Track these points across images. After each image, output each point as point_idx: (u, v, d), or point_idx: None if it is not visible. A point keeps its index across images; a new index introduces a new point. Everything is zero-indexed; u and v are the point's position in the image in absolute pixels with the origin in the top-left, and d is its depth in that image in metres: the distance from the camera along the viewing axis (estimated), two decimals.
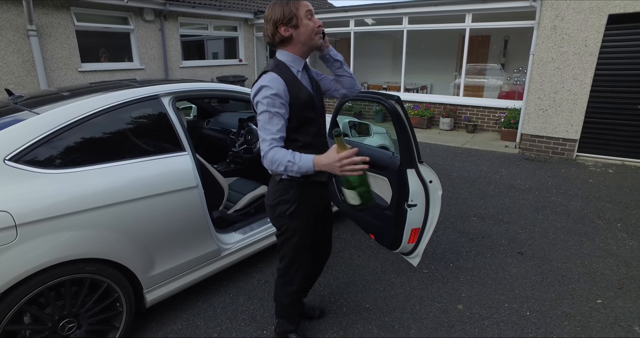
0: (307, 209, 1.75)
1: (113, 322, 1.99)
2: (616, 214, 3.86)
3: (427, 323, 2.31)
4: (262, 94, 1.52)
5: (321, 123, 1.75)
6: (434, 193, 2.18)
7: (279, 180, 1.69)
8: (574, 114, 5.78)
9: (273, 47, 1.65)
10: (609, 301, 2.49)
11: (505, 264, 2.97)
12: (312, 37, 1.61)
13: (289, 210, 1.70)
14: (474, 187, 4.69)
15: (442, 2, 7.74)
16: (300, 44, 1.61)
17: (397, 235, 2.23)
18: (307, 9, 1.58)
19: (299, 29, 1.57)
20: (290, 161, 1.47)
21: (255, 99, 1.55)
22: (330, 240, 2.13)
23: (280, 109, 1.53)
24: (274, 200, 1.72)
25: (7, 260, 1.56)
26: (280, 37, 1.59)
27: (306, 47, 1.63)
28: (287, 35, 1.58)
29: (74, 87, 2.60)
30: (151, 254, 2.06)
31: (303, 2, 1.58)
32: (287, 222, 1.74)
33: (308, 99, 1.63)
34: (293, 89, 1.58)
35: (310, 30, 1.59)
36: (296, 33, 1.58)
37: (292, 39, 1.60)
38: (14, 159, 1.68)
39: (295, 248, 1.81)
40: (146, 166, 2.06)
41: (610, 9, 5.17)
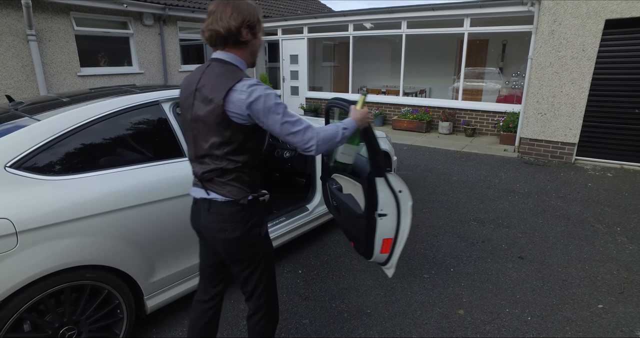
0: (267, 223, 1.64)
1: (113, 328, 1.98)
2: (615, 218, 3.87)
3: (428, 328, 2.31)
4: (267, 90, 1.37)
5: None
6: (404, 204, 2.12)
7: (244, 205, 1.46)
8: (572, 118, 5.81)
9: (212, 45, 1.44)
10: (610, 306, 2.49)
11: (506, 269, 2.97)
12: (257, 53, 1.51)
13: (262, 231, 1.54)
14: (474, 191, 4.69)
15: (441, 6, 7.79)
16: (250, 53, 1.48)
17: (368, 244, 2.19)
18: (263, 25, 1.50)
19: (255, 39, 1.47)
20: (342, 128, 1.51)
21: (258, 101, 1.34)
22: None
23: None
24: (244, 228, 1.47)
25: (7, 268, 1.55)
26: (242, 38, 1.42)
27: (252, 59, 1.51)
28: (246, 39, 1.43)
29: (74, 93, 2.60)
30: (152, 260, 2.05)
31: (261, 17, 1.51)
32: (263, 246, 1.57)
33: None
34: None
35: (260, 46, 1.51)
36: (252, 41, 1.46)
37: (247, 44, 1.45)
38: (14, 165, 1.68)
39: (272, 271, 1.65)
40: (147, 172, 2.06)
41: (607, 14, 5.21)
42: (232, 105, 1.35)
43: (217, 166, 1.43)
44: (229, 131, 1.38)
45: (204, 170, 1.46)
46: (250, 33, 1.43)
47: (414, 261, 3.06)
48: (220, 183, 1.45)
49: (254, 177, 1.50)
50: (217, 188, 1.45)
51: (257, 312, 1.63)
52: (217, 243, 1.52)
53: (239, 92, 1.34)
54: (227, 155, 1.42)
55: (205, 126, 1.41)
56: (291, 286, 2.73)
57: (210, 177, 1.45)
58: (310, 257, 3.13)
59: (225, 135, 1.39)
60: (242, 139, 1.41)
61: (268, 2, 12.83)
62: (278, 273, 2.89)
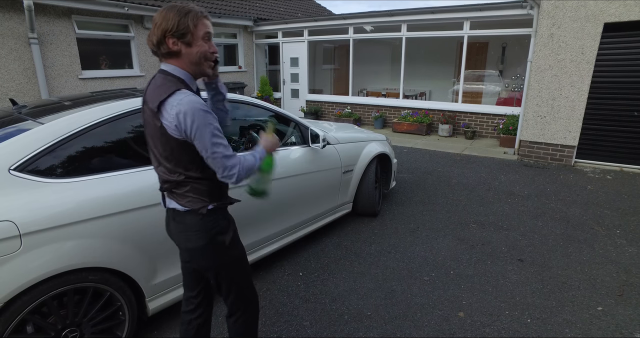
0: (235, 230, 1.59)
1: (115, 330, 1.99)
2: (615, 221, 3.88)
3: (428, 331, 2.32)
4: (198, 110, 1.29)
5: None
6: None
7: (204, 214, 1.44)
8: (572, 121, 5.83)
9: (155, 55, 1.40)
10: (609, 308, 2.50)
11: (506, 271, 2.98)
12: (201, 62, 1.39)
13: (227, 239, 1.51)
14: (474, 193, 4.70)
15: (440, 9, 7.83)
16: (189, 63, 1.39)
17: None
18: (207, 30, 1.38)
19: (191, 48, 1.36)
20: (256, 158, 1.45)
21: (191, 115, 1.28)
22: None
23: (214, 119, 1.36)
24: (207, 237, 1.46)
25: (11, 270, 1.56)
26: (167, 49, 1.34)
27: (197, 69, 1.42)
28: (175, 49, 1.35)
29: (76, 96, 2.62)
30: (154, 262, 2.07)
31: (206, 21, 1.38)
32: (231, 253, 1.55)
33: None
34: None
35: (202, 54, 1.38)
36: (186, 51, 1.36)
37: (180, 54, 1.36)
38: (18, 168, 1.70)
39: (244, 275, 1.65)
40: (148, 175, 2.07)
41: (605, 18, 5.24)
42: (165, 119, 1.31)
43: (170, 178, 1.43)
44: (170, 145, 1.36)
45: (162, 181, 1.49)
46: (180, 42, 1.34)
47: (414, 263, 3.07)
48: (178, 194, 1.45)
49: (212, 187, 1.47)
50: (177, 199, 1.46)
51: (234, 314, 1.67)
52: (184, 252, 1.55)
53: (170, 106, 1.29)
54: (176, 168, 1.40)
55: (153, 138, 1.41)
56: (292, 288, 2.75)
57: (169, 188, 1.47)
58: (310, 260, 3.14)
59: (166, 148, 1.37)
60: (184, 154, 1.37)
61: (269, 5, 12.89)
62: (278, 275, 2.90)
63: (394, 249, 3.31)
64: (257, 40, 11.38)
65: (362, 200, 3.74)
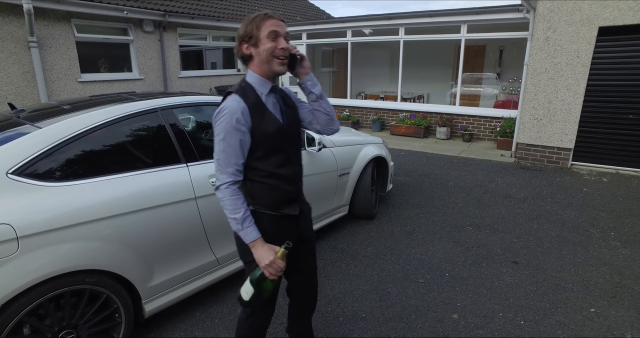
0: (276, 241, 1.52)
1: (112, 332, 2.01)
2: (610, 223, 3.91)
3: (422, 332, 2.34)
4: (222, 119, 1.41)
5: (291, 151, 1.59)
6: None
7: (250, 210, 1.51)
8: (568, 123, 5.86)
9: (244, 64, 1.55)
10: (602, 310, 2.52)
11: (500, 273, 3.00)
12: (269, 60, 1.45)
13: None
14: (470, 196, 4.73)
15: (438, 13, 7.89)
16: (260, 63, 1.47)
17: None
18: (271, 29, 1.43)
19: (258, 48, 1.45)
20: (235, 219, 1.42)
21: (214, 123, 1.43)
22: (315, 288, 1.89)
23: (238, 136, 1.42)
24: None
25: (8, 272, 1.59)
26: (242, 54, 1.49)
27: (267, 69, 1.48)
28: (247, 53, 1.48)
29: (75, 100, 2.65)
30: (150, 265, 2.09)
31: (270, 21, 1.44)
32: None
33: (275, 128, 1.49)
34: (256, 114, 1.47)
35: (268, 52, 1.44)
36: (255, 52, 1.46)
37: (252, 57, 1.48)
38: (16, 172, 1.72)
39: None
40: (145, 178, 2.10)
41: (600, 22, 5.28)
42: None
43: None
44: None
45: None
46: (250, 46, 1.47)
47: (409, 266, 3.10)
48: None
49: (253, 188, 1.53)
50: None
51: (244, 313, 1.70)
52: None
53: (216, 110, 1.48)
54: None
55: None
56: None
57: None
58: None
59: None
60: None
61: (268, 8, 12.94)
62: None
63: (389, 252, 3.33)
64: None
65: (359, 203, 3.76)
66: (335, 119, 1.68)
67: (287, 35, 1.49)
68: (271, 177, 1.52)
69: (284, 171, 1.55)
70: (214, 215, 2.36)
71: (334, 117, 1.68)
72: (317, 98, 1.62)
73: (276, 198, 1.55)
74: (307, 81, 1.59)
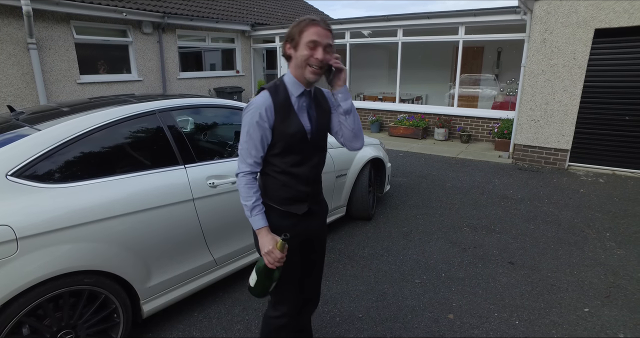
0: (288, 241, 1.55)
1: (110, 332, 2.03)
2: (605, 224, 3.94)
3: (418, 332, 2.36)
4: (248, 112, 1.50)
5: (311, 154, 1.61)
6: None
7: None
8: (565, 125, 5.90)
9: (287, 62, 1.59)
10: (596, 309, 2.55)
11: (496, 274, 3.02)
12: (301, 66, 1.48)
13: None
14: (467, 197, 4.76)
15: (436, 15, 7.92)
16: (295, 66, 1.51)
17: None
18: (311, 38, 1.44)
19: (297, 52, 1.48)
20: (246, 206, 1.52)
21: (243, 115, 1.53)
22: (318, 286, 1.94)
23: (259, 131, 1.49)
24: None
25: (7, 273, 1.61)
26: (284, 52, 1.54)
27: (300, 73, 1.51)
28: (288, 53, 1.52)
29: (73, 102, 2.67)
30: (148, 266, 2.11)
31: (313, 29, 1.45)
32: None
33: (295, 130, 1.52)
34: (280, 113, 1.51)
35: (302, 58, 1.46)
36: (294, 54, 1.50)
37: (291, 58, 1.52)
38: (15, 174, 1.75)
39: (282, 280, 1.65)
40: (143, 180, 2.12)
41: (596, 24, 5.32)
42: None
43: None
44: None
45: None
46: (291, 46, 1.50)
47: (406, 267, 3.12)
48: None
49: (267, 182, 1.61)
50: None
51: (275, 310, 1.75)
52: None
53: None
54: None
55: None
56: None
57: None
58: None
59: None
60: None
61: (266, 10, 12.99)
62: None
63: (386, 252, 3.35)
64: (255, 44, 11.47)
65: (356, 204, 3.79)
66: (359, 137, 1.65)
67: (329, 46, 1.48)
68: (284, 174, 1.57)
69: (299, 171, 1.58)
70: (211, 216, 2.39)
71: (359, 134, 1.65)
72: (344, 112, 1.59)
73: (285, 195, 1.60)
74: (339, 93, 1.57)
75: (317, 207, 1.74)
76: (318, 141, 1.62)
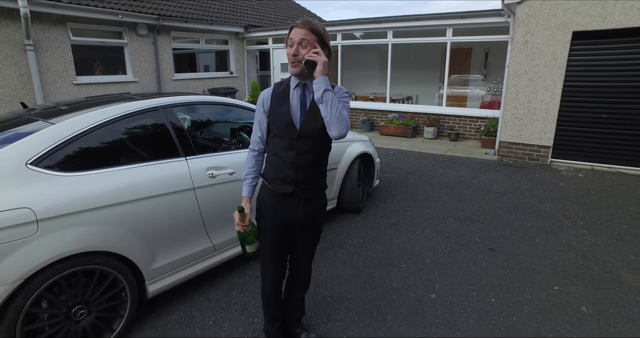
0: (268, 214, 1.88)
1: (119, 310, 2.21)
2: (580, 214, 4.19)
3: (402, 310, 2.56)
4: (257, 101, 1.86)
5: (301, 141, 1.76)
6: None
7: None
8: (547, 122, 6.16)
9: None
10: (564, 288, 2.78)
11: (477, 259, 3.24)
12: (289, 62, 1.71)
13: (257, 205, 1.95)
14: (453, 191, 4.99)
15: (424, 17, 8.17)
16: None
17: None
18: (289, 37, 1.68)
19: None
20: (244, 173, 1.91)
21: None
22: (308, 268, 2.13)
23: (259, 116, 1.86)
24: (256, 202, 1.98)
25: (30, 251, 1.79)
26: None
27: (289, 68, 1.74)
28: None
29: (81, 100, 2.84)
30: (153, 249, 2.29)
31: (292, 30, 1.67)
32: (259, 223, 1.95)
33: (285, 115, 1.75)
34: (276, 101, 1.78)
35: (287, 55, 1.70)
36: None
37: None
38: (34, 163, 1.92)
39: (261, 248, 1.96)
40: (148, 170, 2.31)
41: (574, 27, 5.60)
42: None
43: None
44: None
45: None
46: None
47: (393, 253, 3.33)
48: None
49: (266, 163, 1.90)
50: None
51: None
52: None
53: None
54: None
55: None
56: None
57: None
58: None
59: None
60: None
61: (260, 12, 13.18)
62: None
63: (375, 241, 3.56)
64: (248, 46, 11.65)
65: (346, 196, 3.99)
66: (333, 125, 1.65)
67: (303, 40, 1.64)
68: (275, 156, 1.83)
69: (286, 155, 1.79)
70: (210, 204, 2.58)
71: (333, 122, 1.64)
72: (317, 101, 1.66)
73: (274, 175, 1.85)
74: (313, 84, 1.65)
75: (307, 195, 1.87)
76: (308, 131, 1.76)
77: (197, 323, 2.43)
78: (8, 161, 1.88)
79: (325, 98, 1.64)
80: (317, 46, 1.67)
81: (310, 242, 2.05)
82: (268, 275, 2.01)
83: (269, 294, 2.05)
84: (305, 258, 2.09)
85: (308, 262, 2.12)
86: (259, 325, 2.39)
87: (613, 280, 2.87)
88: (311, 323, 2.42)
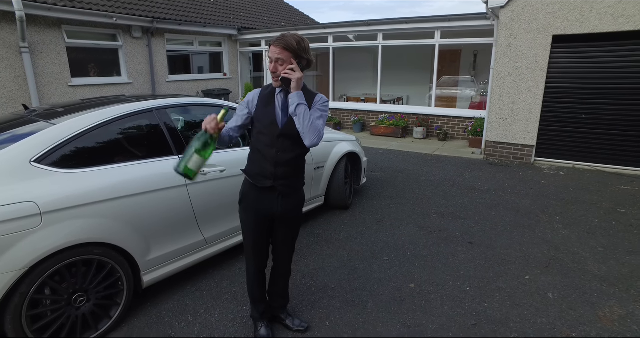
0: (249, 207, 2.06)
1: (115, 298, 2.36)
2: (557, 209, 4.39)
3: (382, 298, 2.74)
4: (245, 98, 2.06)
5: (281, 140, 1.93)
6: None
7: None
8: (530, 122, 6.38)
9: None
10: (535, 277, 2.97)
11: (456, 252, 3.43)
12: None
13: (240, 198, 2.11)
14: (439, 189, 5.18)
15: (413, 20, 8.38)
16: None
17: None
18: (269, 54, 1.87)
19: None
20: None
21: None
22: (288, 260, 2.28)
23: (242, 109, 2.02)
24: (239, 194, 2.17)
25: (34, 241, 1.94)
26: None
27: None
28: None
29: (79, 102, 3.00)
30: (147, 241, 2.45)
31: (272, 48, 1.83)
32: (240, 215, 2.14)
33: (270, 114, 1.94)
34: (262, 103, 1.97)
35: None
36: None
37: None
38: (37, 160, 2.08)
39: (244, 238, 2.18)
40: (143, 168, 2.47)
41: (553, 31, 5.82)
42: None
43: None
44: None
45: None
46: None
47: (376, 247, 3.50)
48: None
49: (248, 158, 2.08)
50: None
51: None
52: None
53: None
54: None
55: None
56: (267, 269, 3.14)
57: None
58: None
59: None
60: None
61: (253, 14, 13.34)
62: None
63: (360, 236, 3.74)
64: (242, 48, 11.81)
65: (334, 194, 4.17)
66: (305, 136, 1.85)
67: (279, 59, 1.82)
68: (257, 152, 2.00)
69: (267, 151, 1.95)
70: (202, 200, 2.74)
71: (306, 133, 1.84)
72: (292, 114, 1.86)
73: (254, 170, 2.02)
74: (289, 98, 1.86)
75: (285, 190, 2.03)
76: (288, 131, 1.92)
77: (190, 311, 2.59)
78: (13, 159, 2.03)
79: (298, 111, 1.84)
80: (292, 62, 1.83)
81: (289, 236, 2.22)
82: (250, 264, 2.22)
83: (252, 282, 2.25)
84: (284, 251, 2.26)
85: (287, 255, 2.28)
86: (247, 312, 2.55)
87: (580, 270, 3.07)
88: (296, 310, 2.59)
